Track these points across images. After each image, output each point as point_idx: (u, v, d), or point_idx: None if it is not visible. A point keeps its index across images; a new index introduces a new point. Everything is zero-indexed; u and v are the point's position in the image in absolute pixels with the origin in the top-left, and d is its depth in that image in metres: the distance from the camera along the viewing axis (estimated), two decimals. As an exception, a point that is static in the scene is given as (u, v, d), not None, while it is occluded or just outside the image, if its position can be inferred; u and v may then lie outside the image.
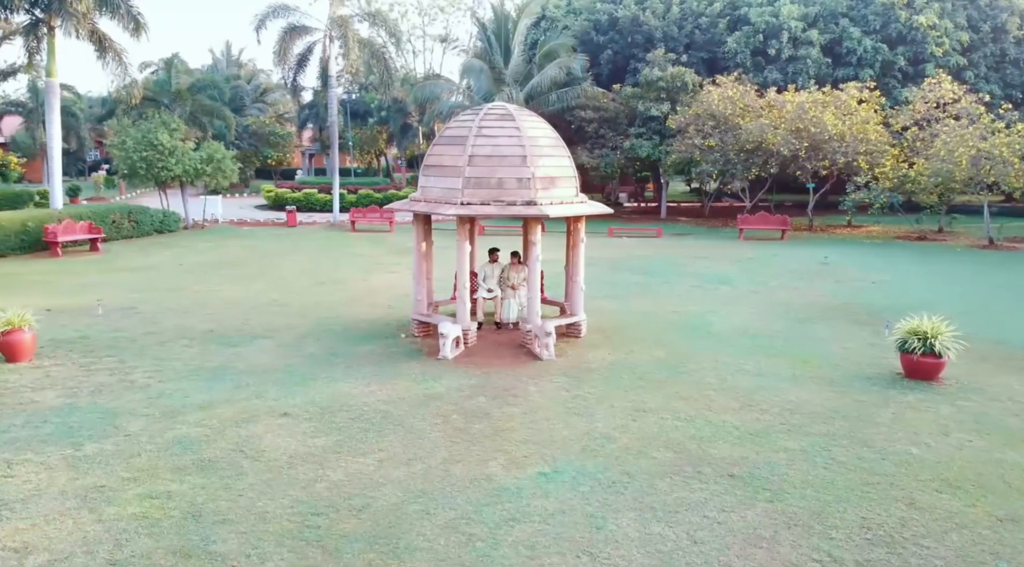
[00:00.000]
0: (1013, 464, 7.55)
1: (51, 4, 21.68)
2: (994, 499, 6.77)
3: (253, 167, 52.33)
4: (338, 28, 27.51)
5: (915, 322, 10.43)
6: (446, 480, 7.09)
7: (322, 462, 7.50)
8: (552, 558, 5.75)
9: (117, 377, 10.23)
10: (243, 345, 11.98)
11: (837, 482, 7.11)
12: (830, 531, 6.18)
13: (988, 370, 10.93)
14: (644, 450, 7.83)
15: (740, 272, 19.48)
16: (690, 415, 8.88)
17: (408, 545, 5.92)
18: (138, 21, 23.38)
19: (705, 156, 29.82)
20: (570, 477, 7.14)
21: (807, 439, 8.18)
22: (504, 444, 7.95)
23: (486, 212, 11.60)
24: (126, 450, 7.76)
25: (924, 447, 7.99)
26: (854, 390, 9.90)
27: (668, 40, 35.57)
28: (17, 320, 10.86)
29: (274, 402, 9.28)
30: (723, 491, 6.90)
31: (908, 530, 6.21)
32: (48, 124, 24.82)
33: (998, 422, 8.75)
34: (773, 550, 5.89)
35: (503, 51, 33.09)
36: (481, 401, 9.31)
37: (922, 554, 5.84)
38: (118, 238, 25.79)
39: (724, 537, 6.08)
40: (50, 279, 18.25)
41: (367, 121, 47.61)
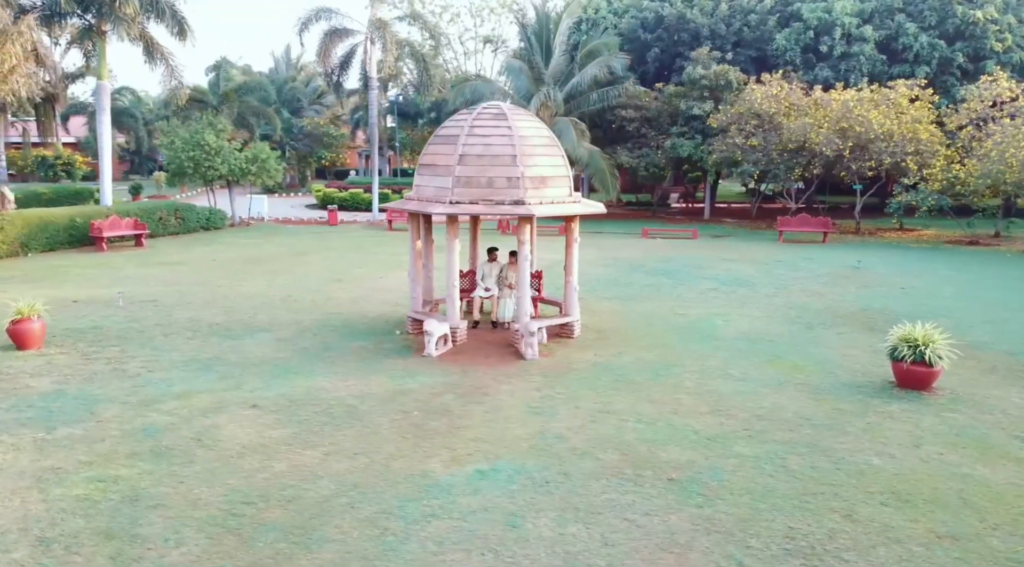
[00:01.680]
0: (978, 480, 7.18)
1: (101, 9, 22.76)
2: (942, 515, 6.47)
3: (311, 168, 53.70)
4: (377, 30, 27.99)
5: (907, 329, 10.01)
6: (383, 475, 7.17)
7: (271, 453, 7.68)
8: (456, 554, 5.77)
9: (112, 366, 10.68)
10: (242, 338, 12.34)
11: (778, 490, 6.90)
12: (750, 539, 6.01)
13: (991, 381, 10.41)
14: (591, 451, 7.75)
15: (764, 275, 19.00)
16: (653, 418, 8.74)
17: (321, 537, 6.03)
18: (182, 25, 24.33)
19: (747, 156, 29.16)
20: (506, 476, 7.14)
21: (765, 446, 7.96)
22: (454, 441, 7.99)
23: (474, 211, 11.66)
24: (93, 435, 8.11)
25: (887, 458, 7.68)
26: (837, 397, 9.57)
27: (715, 38, 34.91)
28: (27, 310, 11.46)
29: (249, 394, 9.54)
30: (655, 495, 6.78)
31: (834, 542, 5.99)
32: (99, 125, 26.03)
33: (979, 436, 8.33)
34: (683, 556, 5.77)
35: (544, 51, 33.05)
36: (448, 399, 9.37)
37: (838, 567, 5.63)
38: (164, 234, 26.84)
39: (638, 540, 5.99)
40: (88, 272, 19.14)
41: (417, 122, 48.23)
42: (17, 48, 20.76)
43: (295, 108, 50.50)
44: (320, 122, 46.39)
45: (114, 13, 22.49)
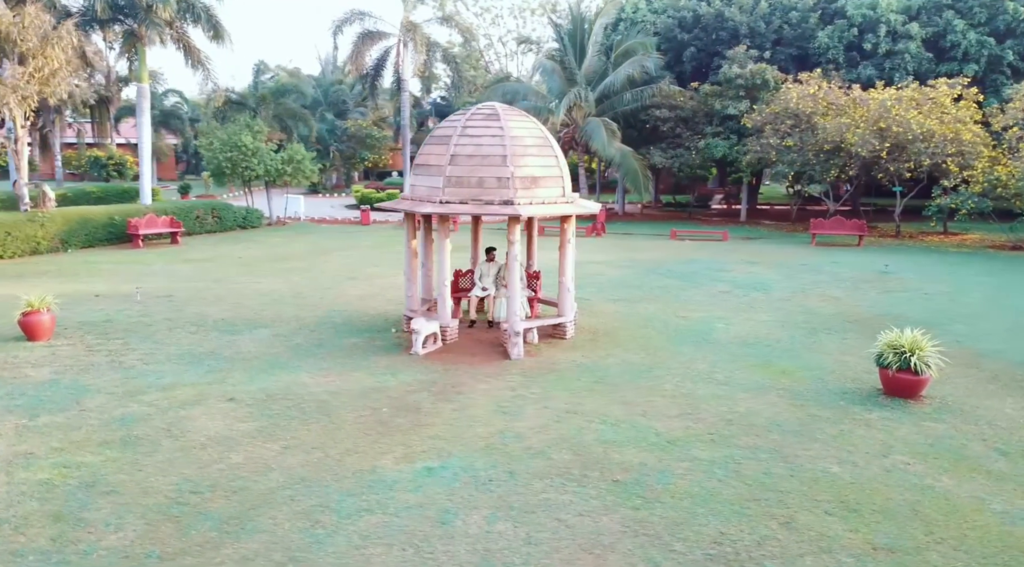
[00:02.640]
0: (939, 492, 6.94)
1: (138, 15, 23.61)
2: (886, 526, 6.28)
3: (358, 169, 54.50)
4: (408, 33, 28.34)
5: (894, 335, 9.70)
6: (333, 469, 7.30)
7: (233, 445, 7.89)
8: (378, 549, 5.85)
9: (111, 358, 11.09)
10: (242, 333, 12.66)
11: (722, 495, 6.79)
12: (676, 543, 5.94)
13: (988, 391, 10.01)
14: (545, 451, 7.75)
15: (784, 279, 18.59)
16: (619, 420, 8.68)
17: (254, 527, 6.18)
18: (217, 29, 25.05)
19: (782, 156, 28.56)
20: (451, 473, 7.19)
21: (725, 450, 7.83)
22: (412, 438, 8.07)
23: (463, 211, 11.72)
24: (72, 423, 8.45)
25: (848, 466, 7.48)
26: (817, 404, 9.34)
27: (754, 36, 34.30)
28: (37, 303, 11.99)
29: (231, 387, 9.80)
30: (595, 496, 6.75)
31: (761, 550, 5.87)
32: (139, 126, 26.98)
33: (956, 447, 8.04)
34: (603, 557, 5.73)
35: (578, 51, 32.95)
36: (421, 396, 9.46)
37: (758, 575, 5.53)
38: (201, 232, 27.65)
39: (562, 540, 5.97)
40: (119, 268, 19.85)
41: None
42: (58, 52, 21.67)
43: (341, 110, 51.38)
44: (363, 124, 47.08)
45: (150, 18, 23.30)
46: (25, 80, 21.27)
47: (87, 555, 5.77)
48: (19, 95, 21.16)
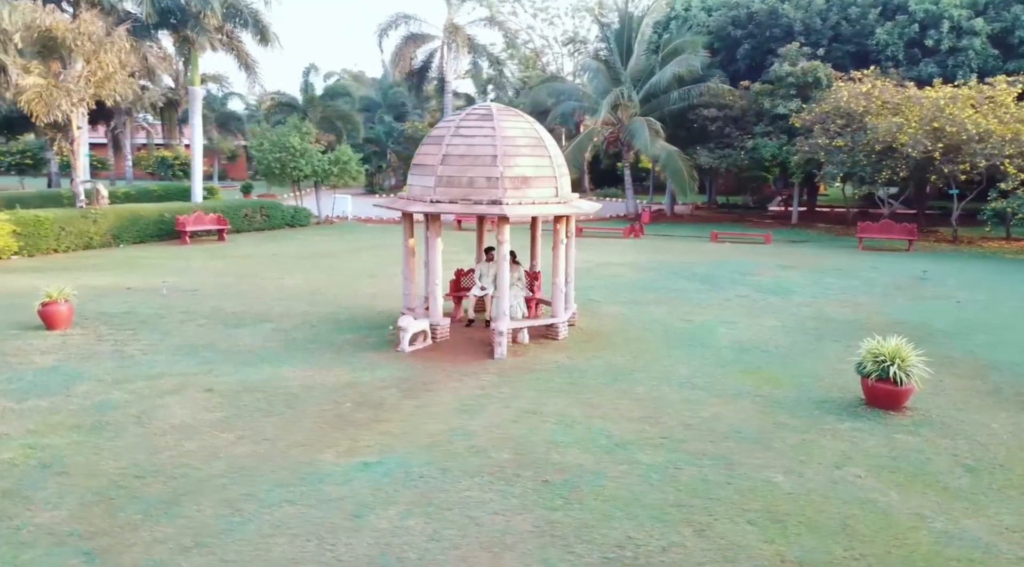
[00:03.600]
0: (880, 507, 6.66)
1: (187, 20, 24.64)
2: (807, 539, 6.07)
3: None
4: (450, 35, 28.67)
5: (876, 343, 9.31)
6: (274, 460, 7.51)
7: (191, 434, 8.19)
8: (283, 539, 5.99)
9: (115, 348, 11.63)
10: (246, 327, 13.08)
11: (647, 499, 6.68)
12: (577, 545, 5.89)
13: (982, 404, 9.51)
14: (488, 449, 7.77)
15: (812, 284, 18.00)
16: (576, 421, 8.62)
17: (176, 512, 6.42)
18: (264, 32, 25.89)
19: (831, 157, 27.62)
20: (385, 469, 7.29)
21: (671, 455, 7.69)
22: (362, 433, 8.21)
23: (452, 210, 11.83)
24: (54, 408, 8.93)
25: (794, 477, 7.24)
26: (788, 412, 9.06)
27: (809, 33, 33.27)
28: (56, 294, 12.67)
29: (214, 378, 10.16)
30: (517, 495, 6.74)
31: (664, 555, 5.77)
32: (192, 127, 28.12)
33: (919, 462, 7.68)
34: (499, 556, 5.74)
35: (624, 50, 32.62)
36: (389, 393, 9.60)
37: (648, 582, 5.43)
38: (249, 230, 28.59)
39: (467, 538, 6.00)
40: (161, 262, 20.75)
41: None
42: (112, 56, 22.78)
43: (400, 112, 52.21)
44: (419, 126, 47.75)
45: (200, 24, 24.29)
46: (80, 83, 22.44)
47: (18, 530, 6.11)
48: (75, 98, 22.35)
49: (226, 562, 5.66)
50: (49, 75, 22.24)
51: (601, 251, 23.69)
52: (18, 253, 21.29)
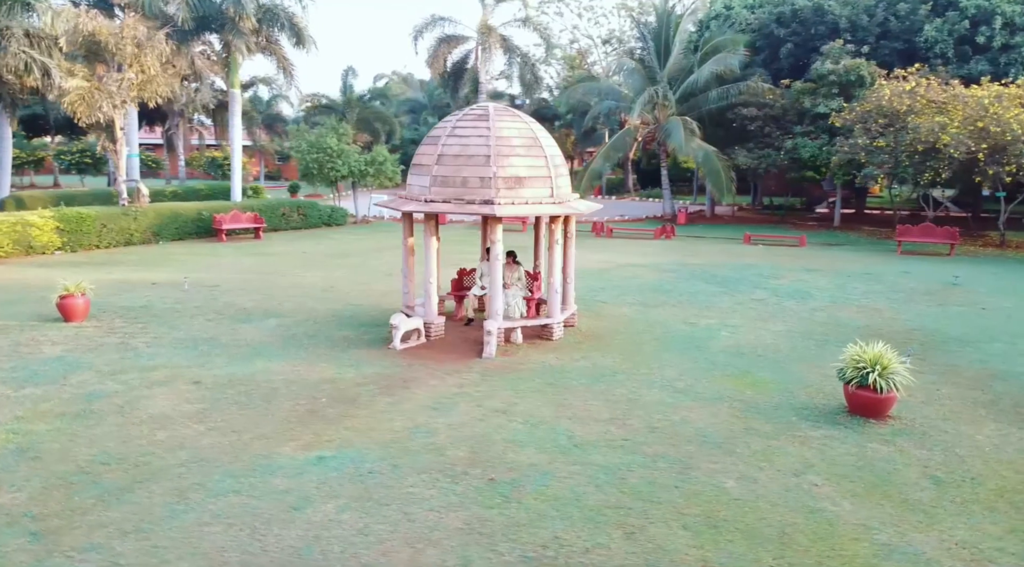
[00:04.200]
0: (826, 517, 6.49)
1: (225, 24, 25.38)
2: (737, 546, 5.96)
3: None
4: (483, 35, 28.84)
5: (858, 348, 9.04)
6: (236, 452, 7.71)
7: (165, 424, 8.47)
8: (218, 528, 6.17)
9: (122, 340, 12.09)
10: (252, 322, 13.43)
11: (586, 501, 6.65)
12: (502, 544, 5.91)
13: (975, 415, 9.14)
14: (445, 447, 7.83)
15: (834, 288, 17.52)
16: (542, 421, 8.61)
17: (128, 499, 6.66)
18: (300, 36, 26.47)
19: (872, 158, 26.77)
20: (338, 463, 7.42)
21: (627, 457, 7.62)
22: (328, 428, 8.37)
23: (446, 210, 11.91)
24: (46, 395, 9.34)
25: (747, 483, 7.10)
26: (764, 417, 8.87)
27: (856, 30, 32.33)
28: (73, 288, 13.23)
29: (205, 371, 10.47)
30: (459, 493, 6.79)
31: (585, 557, 5.74)
32: (231, 128, 28.94)
33: (885, 472, 7.44)
34: (422, 552, 5.80)
35: (662, 49, 32.26)
36: (367, 389, 9.74)
37: (560, 583, 5.41)
38: (286, 229, 29.26)
39: (395, 533, 6.08)
40: (194, 259, 21.42)
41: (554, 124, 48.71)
42: (153, 59, 23.62)
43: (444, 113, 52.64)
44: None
45: (236, 28, 24.99)
46: (122, 86, 23.34)
47: (-22, 511, 6.44)
48: (117, 100, 23.26)
49: (157, 547, 5.85)
50: (93, 78, 23.20)
51: (627, 252, 23.51)
52: (61, 249, 22.26)
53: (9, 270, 18.75)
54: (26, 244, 21.43)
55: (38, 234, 21.67)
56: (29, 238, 21.49)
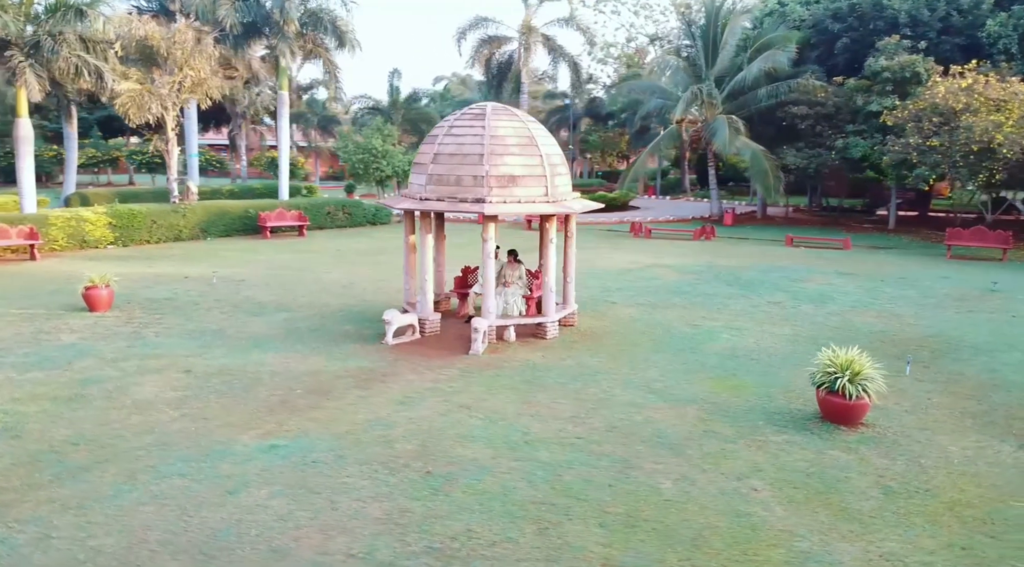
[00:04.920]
0: (752, 522, 6.37)
1: (269, 29, 26.22)
2: (648, 547, 5.92)
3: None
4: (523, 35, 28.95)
5: (831, 353, 8.77)
6: (198, 438, 8.05)
7: (144, 409, 8.89)
8: (153, 507, 6.48)
9: (135, 330, 12.69)
10: (262, 315, 13.89)
11: (514, 496, 6.71)
12: (412, 534, 6.03)
13: (959, 426, 8.78)
14: (397, 440, 7.99)
15: (861, 293, 16.92)
16: (503, 418, 8.69)
17: (83, 478, 7.06)
18: (342, 38, 27.11)
19: (924, 158, 25.68)
20: (288, 452, 7.66)
21: (573, 455, 7.64)
22: (292, 418, 8.63)
23: (440, 208, 12.08)
24: (47, 380, 9.92)
25: (684, 484, 7.02)
26: (729, 421, 8.71)
27: (916, 25, 31.04)
28: (98, 279, 13.97)
29: (201, 360, 10.92)
30: (391, 484, 6.94)
31: (488, 550, 5.81)
32: (279, 129, 29.88)
33: (834, 480, 7.24)
34: (332, 539, 5.97)
35: (710, 47, 31.67)
36: (345, 382, 9.99)
37: (453, 574, 5.50)
38: (331, 227, 29.98)
39: (316, 520, 6.27)
40: (233, 254, 22.21)
41: (607, 123, 48.47)
42: (203, 63, 24.63)
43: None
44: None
45: (281, 32, 25.81)
46: (174, 89, 24.42)
47: (-53, 483, 6.93)
48: (168, 102, 24.34)
49: (91, 523, 6.19)
50: (147, 81, 24.33)
51: (659, 252, 23.22)
52: (114, 243, 23.43)
53: (60, 263, 19.86)
54: (80, 238, 22.65)
55: (91, 229, 22.88)
56: (83, 233, 22.70)
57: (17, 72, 19.55)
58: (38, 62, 19.95)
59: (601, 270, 19.55)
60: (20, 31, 20.53)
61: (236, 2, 25.86)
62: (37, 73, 19.80)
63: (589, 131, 51.55)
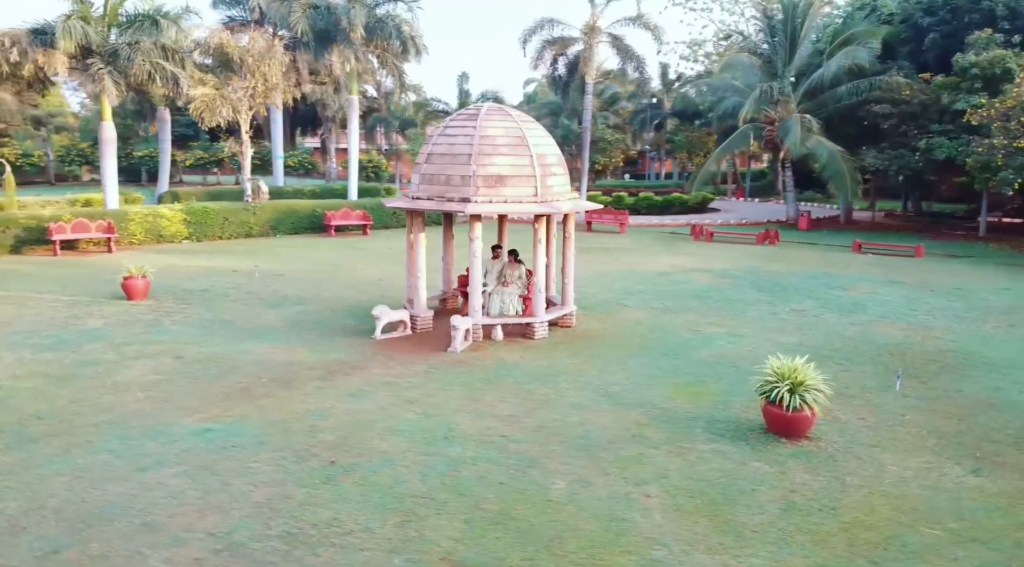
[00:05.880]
0: (622, 528, 6.28)
1: (337, 36, 27.26)
2: (497, 544, 5.95)
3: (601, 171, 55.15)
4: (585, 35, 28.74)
5: (776, 363, 8.39)
6: (147, 418, 8.61)
7: (118, 391, 9.57)
8: (67, 479, 7.03)
9: (156, 317, 13.60)
10: (280, 308, 14.56)
11: (399, 489, 6.88)
12: (277, 519, 6.29)
13: (914, 448, 8.23)
14: (323, 430, 8.27)
15: (900, 302, 15.89)
16: (440, 414, 8.83)
17: (30, 448, 7.73)
18: (406, 45, 27.79)
19: (1011, 161, 23.75)
20: (216, 436, 8.08)
21: (483, 452, 7.69)
22: (240, 405, 9.08)
23: (428, 207, 12.34)
24: (53, 360, 10.83)
25: (578, 486, 6.97)
26: (667, 427, 8.51)
27: (1016, 17, 28.77)
28: (135, 270, 15.07)
29: (198, 348, 11.61)
30: (290, 471, 7.23)
31: (341, 538, 5.98)
32: (349, 133, 30.96)
33: (735, 493, 6.97)
34: (204, 517, 6.30)
35: (788, 43, 30.38)
36: (313, 373, 10.38)
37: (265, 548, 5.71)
38: (397, 226, 30.73)
39: (201, 499, 6.63)
40: (291, 251, 23.27)
41: (694, 122, 47.33)
42: (275, 69, 25.93)
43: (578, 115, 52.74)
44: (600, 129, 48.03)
45: (347, 38, 26.78)
46: (247, 93, 25.84)
47: (-85, 447, 7.76)
48: (243, 106, 25.79)
49: (8, 488, 6.81)
50: (223, 86, 25.86)
51: (709, 256, 22.59)
52: (188, 238, 25.05)
53: (132, 255, 21.35)
54: (157, 233, 24.36)
55: (167, 225, 24.56)
56: (160, 228, 24.41)
57: (96, 78, 21.24)
58: (116, 69, 21.59)
59: (637, 272, 19.26)
60: (103, 41, 22.30)
61: (307, 10, 27.01)
62: (115, 79, 21.42)
63: (676, 131, 50.57)
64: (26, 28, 21.11)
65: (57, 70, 21.03)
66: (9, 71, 21.14)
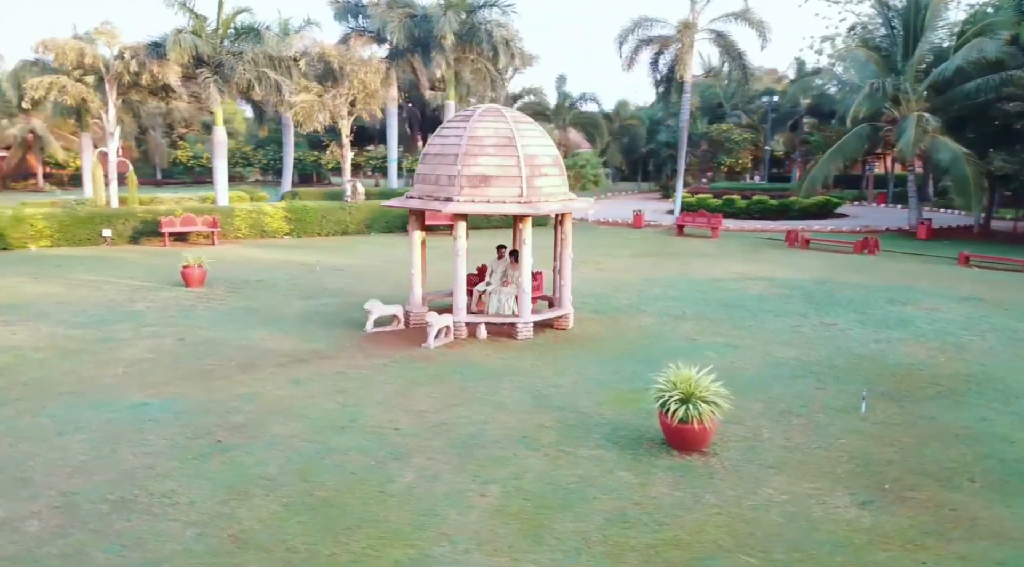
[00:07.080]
0: (422, 523, 6.35)
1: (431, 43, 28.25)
2: (292, 526, 6.21)
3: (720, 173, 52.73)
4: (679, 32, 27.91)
5: (677, 371, 8.00)
6: (106, 391, 9.57)
7: (106, 365, 10.70)
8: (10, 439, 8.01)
9: (194, 303, 14.91)
10: (310, 299, 15.48)
11: (255, 471, 7.33)
12: (112, 486, 6.88)
13: (815, 472, 7.62)
14: (235, 412, 8.90)
15: (951, 322, 14.23)
16: (356, 404, 9.22)
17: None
18: (497, 49, 28.23)
19: None
20: (145, 410, 8.91)
21: (365, 443, 8.03)
22: (190, 384, 9.89)
23: (419, 206, 12.71)
24: (78, 336, 12.23)
25: (424, 480, 7.14)
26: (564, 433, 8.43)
27: None
28: (192, 260, 16.59)
29: (203, 332, 12.68)
30: (177, 445, 7.90)
31: (151, 499, 6.49)
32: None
33: (580, 502, 6.84)
34: (68, 478, 7.03)
35: (910, 35, 27.89)
36: (280, 360, 11.08)
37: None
38: (486, 227, 31.07)
39: (84, 463, 7.42)
40: (369, 248, 24.42)
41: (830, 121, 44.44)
42: (373, 77, 27.39)
43: (717, 114, 51.01)
44: (724, 128, 46.28)
45: (439, 45, 27.68)
46: (347, 99, 27.47)
47: (-86, 403, 9.15)
48: (343, 111, 27.45)
49: (-52, 443, 7.90)
50: (324, 93, 27.66)
51: (784, 264, 21.31)
52: (289, 234, 27.00)
53: (231, 248, 23.39)
54: (260, 229, 26.44)
55: (270, 221, 26.59)
56: (263, 224, 26.48)
57: (203, 86, 23.46)
58: (221, 77, 23.72)
59: (687, 279, 18.61)
60: (214, 52, 24.56)
61: (404, 19, 28.25)
62: (219, 87, 23.55)
63: (812, 131, 47.74)
64: (146, 43, 23.70)
65: (169, 79, 23.41)
66: (131, 80, 23.80)
